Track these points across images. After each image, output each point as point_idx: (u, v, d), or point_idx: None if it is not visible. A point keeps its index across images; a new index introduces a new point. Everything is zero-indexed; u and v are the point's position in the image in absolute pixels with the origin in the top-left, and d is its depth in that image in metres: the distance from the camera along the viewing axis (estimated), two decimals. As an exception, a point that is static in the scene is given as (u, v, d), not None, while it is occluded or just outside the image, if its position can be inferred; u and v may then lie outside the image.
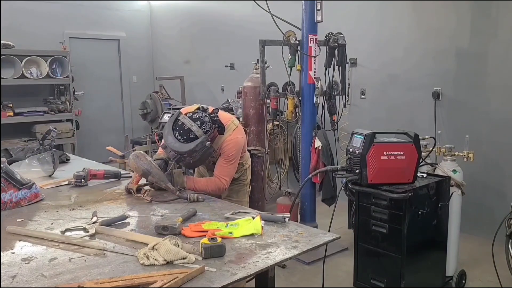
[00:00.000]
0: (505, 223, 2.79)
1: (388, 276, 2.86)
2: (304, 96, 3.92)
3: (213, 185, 2.60)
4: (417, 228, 2.81)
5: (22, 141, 5.97)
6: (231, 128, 2.65)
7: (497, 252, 2.81)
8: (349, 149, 2.79)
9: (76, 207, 2.24)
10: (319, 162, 3.89)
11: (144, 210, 2.19)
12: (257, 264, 1.57)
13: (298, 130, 4.50)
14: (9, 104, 6.28)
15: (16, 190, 2.24)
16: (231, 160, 2.63)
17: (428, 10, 4.49)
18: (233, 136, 2.64)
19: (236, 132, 2.67)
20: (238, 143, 2.64)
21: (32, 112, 6.48)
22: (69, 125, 6.75)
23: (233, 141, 2.62)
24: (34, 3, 6.90)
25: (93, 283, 1.40)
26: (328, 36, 3.92)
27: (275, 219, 1.99)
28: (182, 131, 2.36)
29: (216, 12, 6.96)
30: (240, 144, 2.67)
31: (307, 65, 3.82)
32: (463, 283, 3.35)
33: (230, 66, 6.70)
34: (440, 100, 4.44)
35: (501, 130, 4.07)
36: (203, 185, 2.59)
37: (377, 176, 2.69)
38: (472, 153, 3.10)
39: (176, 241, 1.61)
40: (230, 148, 2.61)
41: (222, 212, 2.13)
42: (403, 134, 2.81)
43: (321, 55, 3.88)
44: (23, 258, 1.63)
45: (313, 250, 1.76)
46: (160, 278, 1.41)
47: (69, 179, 2.73)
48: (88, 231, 1.87)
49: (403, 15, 4.73)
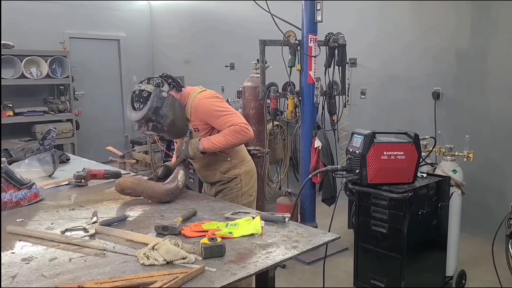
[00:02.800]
0: (505, 223, 2.79)
1: (388, 276, 2.86)
2: (304, 96, 3.92)
3: (230, 133, 2.36)
4: (417, 228, 2.81)
5: (22, 141, 5.97)
6: (196, 90, 2.47)
7: (497, 252, 2.81)
8: (349, 149, 2.79)
9: (76, 207, 2.24)
10: (319, 162, 3.89)
11: (144, 210, 2.19)
12: (257, 264, 1.57)
13: (298, 130, 4.50)
14: (9, 104, 6.29)
15: (16, 190, 2.24)
16: (215, 115, 2.38)
17: (428, 10, 4.49)
18: (199, 96, 2.43)
19: (203, 92, 2.47)
20: (206, 96, 2.42)
21: (32, 112, 6.48)
22: (69, 125, 6.75)
23: (202, 100, 2.40)
24: (34, 3, 6.91)
25: (93, 283, 1.40)
26: (328, 36, 3.92)
27: (275, 219, 1.99)
28: (137, 97, 2.32)
29: (216, 12, 6.96)
30: (209, 96, 2.43)
31: (307, 65, 3.82)
32: (463, 283, 3.35)
33: (230, 66, 6.70)
34: (440, 100, 4.44)
35: (501, 130, 4.07)
36: (219, 138, 2.38)
37: (377, 176, 2.69)
38: (472, 153, 3.10)
39: (176, 241, 1.61)
40: (203, 106, 2.39)
41: (222, 212, 2.12)
42: (403, 134, 2.81)
43: (321, 55, 3.88)
44: (23, 258, 1.63)
45: (313, 250, 1.76)
46: (160, 278, 1.41)
47: (69, 179, 2.73)
48: (88, 231, 1.87)
49: (403, 15, 4.73)
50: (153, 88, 2.33)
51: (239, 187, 2.63)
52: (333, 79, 4.01)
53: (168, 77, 2.42)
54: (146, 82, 2.37)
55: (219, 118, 2.39)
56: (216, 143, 2.39)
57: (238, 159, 2.63)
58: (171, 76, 2.44)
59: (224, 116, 2.39)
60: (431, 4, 4.44)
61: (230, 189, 2.63)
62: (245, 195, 2.66)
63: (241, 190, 2.63)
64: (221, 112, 2.39)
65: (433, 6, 4.42)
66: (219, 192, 2.65)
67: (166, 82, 2.41)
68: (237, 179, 2.62)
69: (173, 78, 2.44)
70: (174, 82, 2.43)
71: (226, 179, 2.62)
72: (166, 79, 2.41)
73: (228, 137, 2.38)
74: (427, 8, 4.49)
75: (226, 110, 2.42)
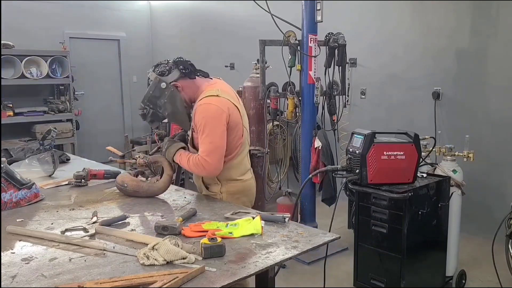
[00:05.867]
0: (505, 223, 2.80)
1: (388, 276, 2.86)
2: (304, 96, 3.92)
3: (191, 162, 2.19)
4: (417, 228, 2.81)
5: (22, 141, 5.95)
6: (210, 92, 2.19)
7: (497, 252, 2.81)
8: (349, 149, 2.80)
9: (76, 207, 2.24)
10: (319, 162, 3.89)
11: (144, 210, 2.19)
12: (257, 264, 1.57)
13: (298, 130, 4.50)
14: (9, 104, 6.29)
15: (16, 190, 2.24)
16: (203, 131, 2.14)
17: (428, 10, 4.49)
18: (207, 100, 2.16)
19: (214, 98, 2.16)
20: (206, 110, 2.13)
21: (32, 112, 6.48)
22: (69, 125, 6.75)
23: (202, 107, 2.15)
24: (34, 3, 6.90)
25: (93, 283, 1.40)
26: (328, 36, 3.92)
27: (275, 219, 1.99)
28: (148, 85, 2.27)
29: (216, 12, 6.96)
30: (210, 110, 2.12)
31: (307, 65, 3.82)
32: (463, 283, 3.35)
33: (230, 66, 6.70)
34: (440, 100, 4.44)
35: (501, 130, 4.07)
36: (185, 160, 2.23)
37: (377, 176, 2.69)
38: (472, 153, 3.11)
39: (176, 241, 1.61)
40: (198, 113, 2.15)
41: (222, 212, 2.12)
42: (403, 134, 2.82)
43: (321, 55, 3.88)
44: (23, 258, 1.63)
45: (313, 250, 1.76)
46: (160, 278, 1.41)
47: (69, 179, 2.73)
48: (88, 231, 1.86)
49: (403, 15, 4.73)
50: (155, 76, 2.26)
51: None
52: (333, 79, 4.01)
53: (179, 63, 2.23)
54: (152, 69, 2.31)
55: (200, 136, 2.20)
56: (183, 163, 2.26)
57: (223, 176, 2.31)
58: (184, 62, 2.24)
59: (202, 138, 2.18)
60: (431, 4, 4.43)
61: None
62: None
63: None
64: (202, 133, 2.17)
65: (433, 6, 4.42)
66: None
67: (177, 68, 2.25)
68: (216, 196, 2.35)
69: (186, 65, 2.24)
70: (187, 69, 2.23)
71: (207, 192, 2.39)
72: (178, 65, 2.23)
73: (190, 164, 2.22)
74: (427, 8, 4.49)
75: (207, 136, 2.16)
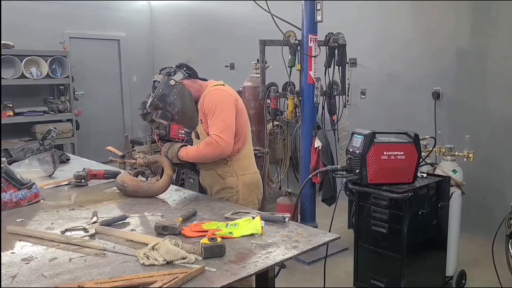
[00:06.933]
0: (505, 223, 2.80)
1: (388, 276, 2.86)
2: (304, 96, 3.92)
3: (202, 144, 2.29)
4: (417, 228, 2.81)
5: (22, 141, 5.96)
6: (215, 83, 2.42)
7: (497, 252, 2.81)
8: (349, 149, 2.79)
9: (76, 207, 2.24)
10: (319, 162, 3.89)
11: (144, 210, 2.19)
12: (257, 264, 1.57)
13: (298, 130, 4.50)
14: (9, 104, 6.29)
15: (16, 190, 2.24)
16: (213, 113, 2.27)
17: (427, 10, 4.49)
18: (214, 88, 2.37)
19: (221, 86, 2.39)
20: (216, 94, 2.32)
21: (32, 112, 6.49)
22: (69, 125, 6.75)
23: (211, 92, 2.34)
24: (34, 3, 6.90)
25: (93, 283, 1.40)
26: (328, 36, 3.92)
27: (275, 219, 1.99)
28: (152, 88, 2.39)
29: (216, 12, 6.95)
30: (220, 94, 2.32)
31: (307, 65, 3.82)
32: (463, 283, 3.35)
33: (230, 66, 6.70)
34: (440, 100, 4.44)
35: (501, 130, 4.07)
36: (193, 149, 2.34)
37: (377, 176, 2.69)
38: (472, 153, 3.10)
39: (176, 241, 1.61)
40: (207, 99, 2.31)
41: (222, 212, 2.12)
42: (403, 134, 2.81)
43: (321, 55, 3.88)
44: (23, 258, 1.63)
45: (313, 250, 1.76)
46: (160, 278, 1.41)
47: (69, 179, 2.73)
48: (88, 231, 1.87)
49: (403, 15, 4.73)
50: (162, 77, 2.38)
51: (235, 199, 2.42)
52: (333, 79, 4.01)
53: (182, 66, 2.44)
54: (158, 72, 2.44)
55: (210, 119, 2.30)
56: (190, 153, 2.34)
57: (238, 167, 2.43)
58: (186, 65, 2.45)
59: (213, 119, 2.27)
60: (431, 4, 4.43)
61: (226, 200, 2.43)
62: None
63: (237, 203, 2.40)
64: (213, 114, 2.27)
65: (433, 6, 4.42)
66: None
67: (181, 70, 2.43)
68: (233, 190, 2.43)
69: (188, 67, 2.45)
70: (189, 70, 2.44)
71: (223, 185, 2.44)
72: (181, 67, 2.43)
73: (200, 148, 2.30)
74: (427, 8, 4.49)
75: (219, 115, 2.27)
